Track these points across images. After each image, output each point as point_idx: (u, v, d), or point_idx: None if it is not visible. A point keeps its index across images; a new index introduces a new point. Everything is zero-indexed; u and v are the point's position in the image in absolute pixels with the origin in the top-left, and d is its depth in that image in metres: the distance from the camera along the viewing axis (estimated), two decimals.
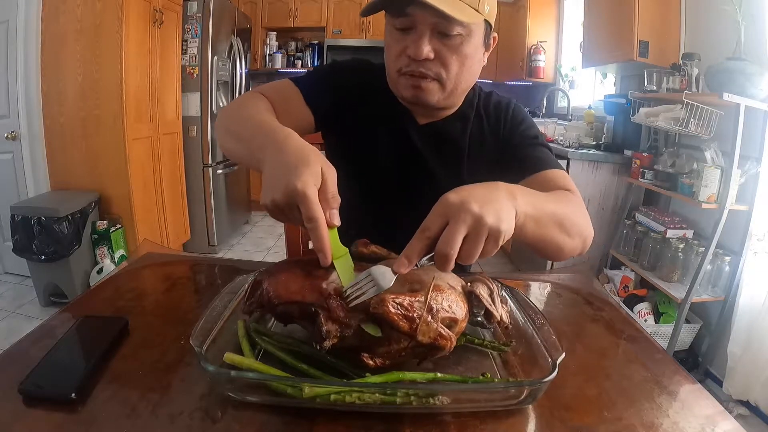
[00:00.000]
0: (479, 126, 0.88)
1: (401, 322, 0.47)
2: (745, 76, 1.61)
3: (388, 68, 0.79)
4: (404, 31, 0.72)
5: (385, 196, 0.88)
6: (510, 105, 0.90)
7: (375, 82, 0.85)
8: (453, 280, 0.56)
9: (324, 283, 0.50)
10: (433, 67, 0.73)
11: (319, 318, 0.47)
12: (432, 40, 0.71)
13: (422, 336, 0.47)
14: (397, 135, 0.86)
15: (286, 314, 0.52)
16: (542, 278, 0.90)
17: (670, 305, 2.01)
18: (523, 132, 0.86)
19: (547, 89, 3.71)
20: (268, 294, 0.51)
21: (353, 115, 0.87)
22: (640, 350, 0.63)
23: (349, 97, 0.87)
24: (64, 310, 0.65)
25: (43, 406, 0.45)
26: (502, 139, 0.87)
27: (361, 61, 0.91)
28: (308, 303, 0.49)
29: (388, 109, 0.86)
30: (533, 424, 0.47)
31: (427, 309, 0.48)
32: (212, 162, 3.12)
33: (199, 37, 2.90)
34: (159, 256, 0.89)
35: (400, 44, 0.73)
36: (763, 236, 1.72)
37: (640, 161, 2.20)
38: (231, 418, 0.45)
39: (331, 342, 0.47)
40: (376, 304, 0.47)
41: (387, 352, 0.48)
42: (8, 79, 2.37)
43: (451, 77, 0.75)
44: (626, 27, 2.27)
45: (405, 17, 0.70)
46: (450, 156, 0.87)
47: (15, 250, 2.20)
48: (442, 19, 0.68)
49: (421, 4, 0.65)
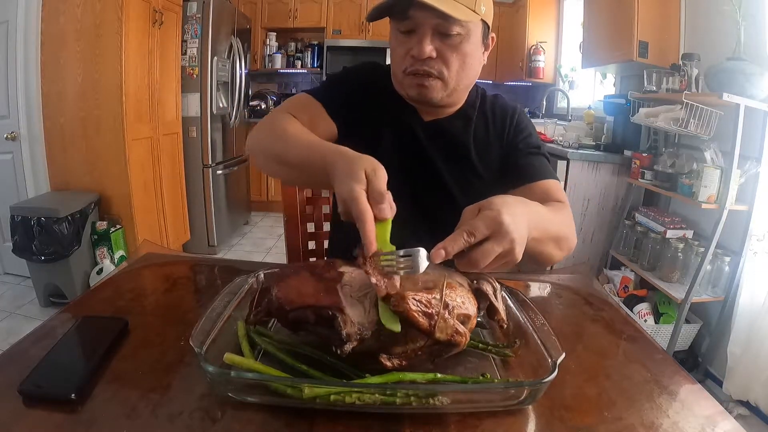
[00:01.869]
0: (484, 127, 0.91)
1: (421, 319, 0.47)
2: (745, 76, 1.61)
3: (394, 70, 0.84)
4: (407, 34, 0.77)
5: (392, 193, 0.88)
6: (516, 111, 0.93)
7: (381, 82, 0.90)
8: (460, 277, 0.57)
9: (338, 285, 0.50)
10: (436, 66, 0.77)
11: (337, 321, 0.47)
12: (433, 41, 0.75)
13: (440, 333, 0.47)
14: (403, 132, 0.89)
15: (299, 320, 0.51)
16: (542, 278, 0.90)
17: (670, 305, 2.01)
18: (526, 139, 0.90)
19: (546, 89, 3.72)
20: (280, 300, 0.50)
21: (362, 114, 0.90)
22: (640, 350, 0.63)
23: (358, 97, 0.90)
24: (63, 310, 0.65)
25: (43, 406, 0.45)
26: (507, 144, 0.90)
27: (369, 63, 0.96)
28: (324, 306, 0.48)
29: (394, 107, 0.89)
30: (533, 424, 0.47)
31: (443, 306, 0.48)
32: (212, 162, 3.12)
33: (199, 38, 2.90)
34: (159, 256, 0.89)
35: (404, 46, 0.78)
36: (762, 236, 1.72)
37: (639, 161, 2.20)
38: (231, 418, 0.45)
39: (351, 345, 0.47)
40: (397, 302, 0.46)
41: (404, 351, 0.48)
42: (8, 79, 2.37)
43: (453, 75, 0.79)
44: (626, 27, 2.27)
45: (407, 20, 0.75)
46: (453, 153, 0.89)
47: (15, 250, 2.20)
48: (441, 19, 0.73)
49: (422, 6, 0.70)
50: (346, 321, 0.47)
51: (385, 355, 0.48)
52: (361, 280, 0.51)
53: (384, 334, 0.48)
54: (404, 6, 0.72)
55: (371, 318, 0.48)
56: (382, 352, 0.48)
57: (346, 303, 0.48)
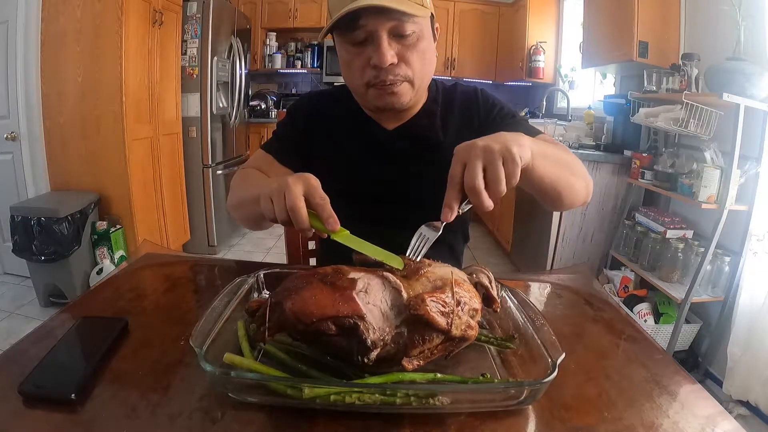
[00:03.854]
0: (450, 118, 0.89)
1: (439, 319, 0.48)
2: (744, 76, 1.61)
3: (352, 85, 0.81)
4: (360, 45, 0.73)
5: (376, 209, 0.87)
6: (477, 92, 0.91)
7: (324, 107, 0.91)
8: (460, 273, 0.58)
9: (354, 293, 0.49)
10: (400, 71, 0.75)
11: (360, 329, 0.47)
12: (392, 45, 0.72)
13: (455, 330, 0.49)
14: (368, 148, 0.88)
15: (317, 333, 0.48)
16: (542, 278, 0.90)
17: (669, 305, 2.01)
18: (499, 113, 0.88)
19: (546, 90, 3.72)
20: (297, 314, 0.48)
21: (319, 144, 0.90)
22: (640, 350, 0.63)
23: (310, 131, 0.90)
24: (63, 310, 0.65)
25: (43, 407, 0.45)
26: (480, 124, 0.88)
27: (305, 95, 0.96)
28: (345, 316, 0.47)
29: (352, 126, 0.89)
30: (533, 424, 0.47)
31: (456, 303, 0.50)
32: (212, 162, 3.12)
33: (199, 38, 2.90)
34: (159, 256, 0.89)
35: (360, 58, 0.74)
36: (762, 236, 1.72)
37: (639, 161, 2.20)
38: (231, 419, 0.45)
39: (376, 352, 0.47)
40: (416, 305, 0.48)
41: (421, 352, 0.49)
42: (8, 79, 2.37)
43: (417, 75, 0.77)
44: (626, 27, 2.27)
45: (358, 30, 0.71)
46: (427, 152, 0.87)
47: (15, 250, 2.20)
48: (395, 20, 0.70)
49: (375, 11, 0.68)
50: (369, 328, 0.47)
51: (406, 358, 0.48)
52: (375, 285, 0.51)
53: (403, 338, 0.48)
54: (354, 16, 0.69)
55: (390, 323, 0.49)
56: (401, 356, 0.48)
57: (365, 310, 0.48)
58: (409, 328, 0.49)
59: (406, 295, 0.51)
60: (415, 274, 0.54)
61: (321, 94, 0.96)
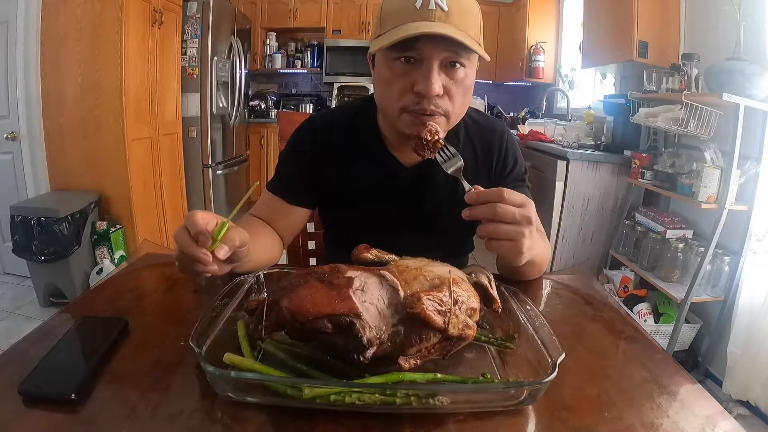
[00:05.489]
0: (472, 156, 0.87)
1: (436, 318, 0.47)
2: (744, 77, 1.61)
3: (386, 104, 0.75)
4: (410, 63, 0.69)
5: (384, 245, 0.87)
6: (504, 137, 0.90)
7: (339, 135, 0.86)
8: (459, 272, 0.57)
9: (350, 291, 0.49)
10: (442, 104, 0.70)
11: (356, 327, 0.47)
12: (440, 75, 0.68)
13: (453, 329, 0.48)
14: (386, 184, 0.85)
15: (315, 331, 0.48)
16: (542, 278, 0.89)
17: (669, 305, 2.01)
18: (513, 171, 0.89)
19: (546, 89, 3.72)
20: (293, 313, 0.48)
21: (334, 175, 0.86)
22: (640, 350, 0.63)
23: (322, 165, 0.86)
24: (63, 310, 0.65)
25: (43, 407, 0.45)
26: (496, 175, 0.88)
27: (312, 122, 0.89)
28: (341, 314, 0.47)
29: (368, 161, 0.85)
30: (533, 424, 0.47)
31: (453, 302, 0.49)
32: (212, 162, 3.12)
33: (199, 38, 2.90)
34: (159, 256, 0.89)
35: (403, 80, 0.69)
36: (762, 236, 1.72)
37: (639, 161, 2.20)
38: (231, 419, 0.45)
39: (372, 350, 0.47)
40: (413, 303, 0.47)
41: (418, 351, 0.49)
42: (8, 79, 2.37)
43: (456, 111, 0.73)
44: (626, 27, 2.28)
45: (413, 51, 0.67)
46: (445, 190, 0.85)
47: (15, 250, 2.20)
48: (452, 52, 0.67)
49: (435, 38, 0.64)
50: (365, 326, 0.47)
51: (402, 356, 0.48)
52: (372, 283, 0.51)
53: (399, 336, 0.48)
54: (414, 38, 0.65)
55: (387, 321, 0.49)
56: (398, 354, 0.48)
57: (362, 308, 0.48)
58: (406, 327, 0.49)
59: (403, 293, 0.50)
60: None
61: (325, 120, 0.89)
